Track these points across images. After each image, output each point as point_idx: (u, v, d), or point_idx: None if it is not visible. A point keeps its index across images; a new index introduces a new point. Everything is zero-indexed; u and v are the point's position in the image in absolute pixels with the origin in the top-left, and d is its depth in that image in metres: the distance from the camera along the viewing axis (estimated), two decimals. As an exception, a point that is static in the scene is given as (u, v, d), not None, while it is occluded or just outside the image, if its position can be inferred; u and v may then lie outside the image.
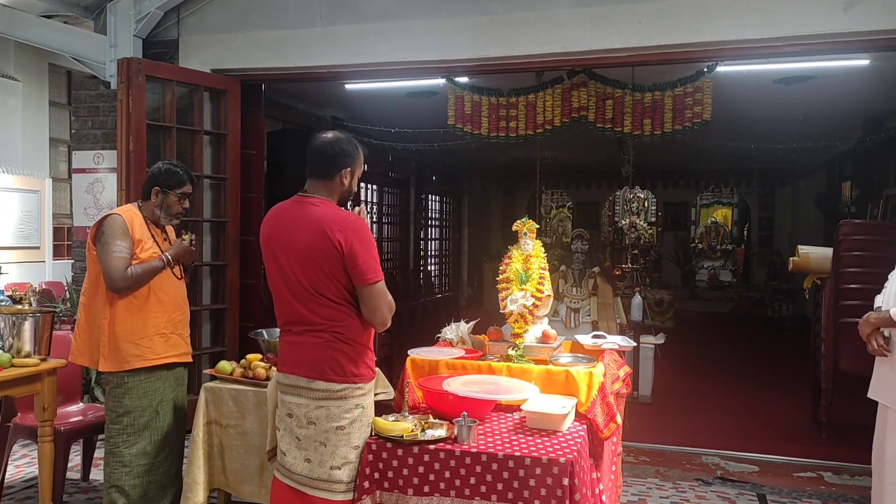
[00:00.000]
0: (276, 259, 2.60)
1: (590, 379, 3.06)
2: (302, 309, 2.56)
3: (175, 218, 3.55)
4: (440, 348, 3.54)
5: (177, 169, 3.53)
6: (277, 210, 2.71)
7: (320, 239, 2.50)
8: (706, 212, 15.46)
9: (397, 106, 7.83)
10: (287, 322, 2.65)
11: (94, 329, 3.38)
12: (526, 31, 4.79)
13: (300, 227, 2.56)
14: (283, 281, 2.59)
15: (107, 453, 3.40)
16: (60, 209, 8.97)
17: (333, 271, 2.51)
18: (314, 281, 2.52)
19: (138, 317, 3.36)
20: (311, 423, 2.57)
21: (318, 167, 2.64)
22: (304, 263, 2.53)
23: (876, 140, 8.41)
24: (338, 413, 2.55)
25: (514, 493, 2.47)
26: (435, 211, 14.34)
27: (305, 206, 2.60)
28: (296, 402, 2.59)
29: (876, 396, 3.22)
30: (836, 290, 5.21)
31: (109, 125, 5.68)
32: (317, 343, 2.55)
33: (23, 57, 8.39)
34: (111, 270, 3.26)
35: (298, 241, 2.54)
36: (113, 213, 3.39)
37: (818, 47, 4.52)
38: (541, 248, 3.51)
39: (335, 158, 2.63)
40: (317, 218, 2.54)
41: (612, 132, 5.13)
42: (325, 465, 2.56)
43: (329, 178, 2.63)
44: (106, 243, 3.29)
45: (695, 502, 4.19)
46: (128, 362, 3.33)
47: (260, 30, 5.33)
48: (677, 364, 7.66)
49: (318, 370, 2.55)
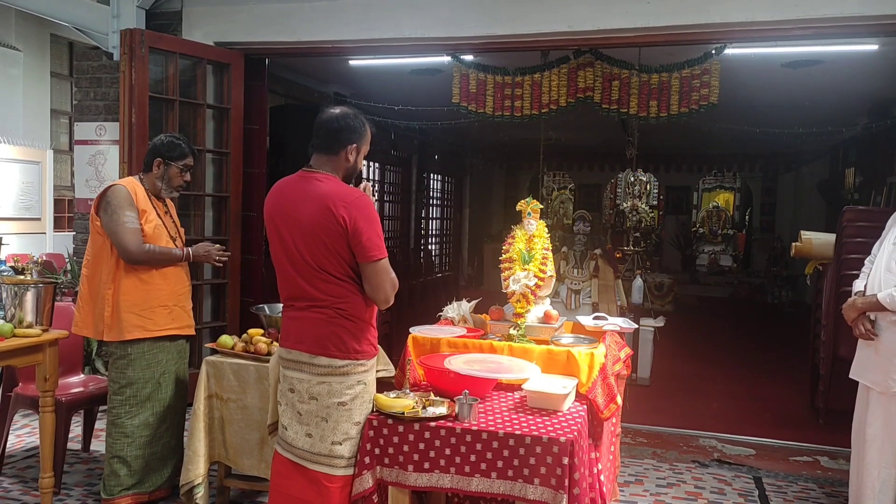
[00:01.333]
0: (280, 234, 2.59)
1: (591, 360, 3.06)
2: (305, 284, 2.56)
3: (176, 190, 3.56)
4: (442, 326, 3.54)
5: (179, 141, 3.53)
6: (281, 185, 2.69)
7: (325, 215, 2.48)
8: (708, 196, 15.41)
9: (401, 83, 7.77)
10: (290, 297, 2.64)
11: (98, 300, 3.40)
12: (533, 9, 4.74)
13: (305, 202, 2.54)
14: (287, 256, 2.58)
15: (109, 424, 3.43)
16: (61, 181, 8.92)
17: (337, 247, 2.50)
18: (317, 257, 2.52)
19: (142, 288, 3.39)
20: (312, 399, 2.58)
21: (323, 142, 2.61)
22: (308, 239, 2.52)
23: (881, 127, 8.37)
24: (339, 389, 2.56)
25: (514, 471, 2.48)
26: (437, 190, 14.30)
27: (310, 182, 2.58)
28: (297, 377, 2.60)
29: (858, 377, 3.33)
30: (837, 277, 5.20)
31: (112, 97, 5.64)
32: (320, 319, 2.55)
33: (24, 27, 8.31)
34: (126, 241, 3.29)
35: (302, 216, 2.53)
36: (116, 184, 3.39)
37: (827, 30, 4.48)
38: (544, 228, 3.50)
39: (341, 133, 2.60)
40: (321, 193, 2.52)
41: (617, 113, 5.10)
42: (327, 440, 2.57)
43: (334, 153, 2.61)
44: (115, 213, 3.30)
45: (691, 484, 4.22)
46: (130, 332, 3.36)
47: (264, 3, 5.27)
48: (677, 347, 7.68)
49: (320, 346, 2.55)
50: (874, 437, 3.18)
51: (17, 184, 7.40)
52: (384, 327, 6.28)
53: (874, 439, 3.18)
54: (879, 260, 3.27)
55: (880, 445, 3.16)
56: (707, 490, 4.13)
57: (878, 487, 3.16)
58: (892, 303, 3.05)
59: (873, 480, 3.17)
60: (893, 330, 3.12)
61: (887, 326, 3.14)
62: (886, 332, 3.15)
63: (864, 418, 3.25)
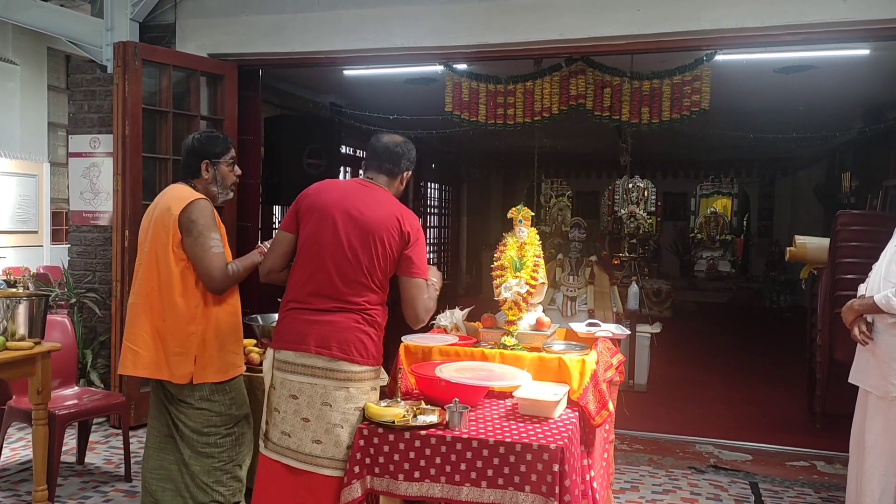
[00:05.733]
0: (336, 228, 2.60)
1: (582, 366, 3.06)
2: (341, 284, 2.59)
3: (230, 190, 3.13)
4: (434, 335, 3.54)
5: (216, 134, 3.12)
6: (338, 184, 2.82)
7: (393, 222, 2.61)
8: (706, 202, 15.41)
9: (396, 92, 7.79)
10: (313, 293, 2.60)
11: (168, 337, 2.92)
12: (524, 17, 4.77)
13: (374, 205, 2.64)
14: (336, 250, 2.59)
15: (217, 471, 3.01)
16: (59, 193, 8.93)
17: (392, 255, 2.61)
18: (370, 258, 2.59)
19: (234, 321, 3.06)
20: (325, 405, 2.57)
21: (385, 164, 2.76)
22: (369, 239, 2.59)
23: (876, 131, 8.39)
24: (357, 395, 2.61)
25: (505, 479, 2.48)
26: (434, 199, 14.31)
27: (375, 191, 2.71)
28: (308, 381, 2.58)
29: (857, 381, 3.29)
30: (832, 281, 5.20)
31: (106, 109, 5.66)
32: (348, 323, 2.59)
33: (21, 40, 8.34)
34: (214, 268, 2.87)
35: (369, 216, 2.61)
36: (199, 199, 2.93)
37: (818, 36, 4.50)
38: (536, 235, 3.51)
39: (402, 159, 2.78)
40: (392, 204, 2.67)
41: (609, 120, 5.11)
42: (342, 444, 2.59)
43: (393, 175, 2.78)
44: (201, 234, 2.87)
45: (687, 490, 4.21)
46: (227, 372, 3.00)
47: (258, 14, 5.30)
48: (674, 353, 7.68)
49: (344, 350, 2.58)
50: (874, 444, 3.13)
51: (15, 197, 7.41)
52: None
53: (874, 446, 3.13)
54: (880, 264, 3.25)
55: (880, 452, 3.11)
56: (703, 496, 4.12)
57: (878, 495, 3.10)
58: (887, 304, 3.03)
59: (873, 488, 3.12)
60: (892, 333, 3.09)
61: (885, 329, 3.11)
62: (884, 336, 3.11)
63: (864, 424, 3.20)
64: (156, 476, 3.06)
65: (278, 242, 2.76)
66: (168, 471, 3.03)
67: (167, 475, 3.04)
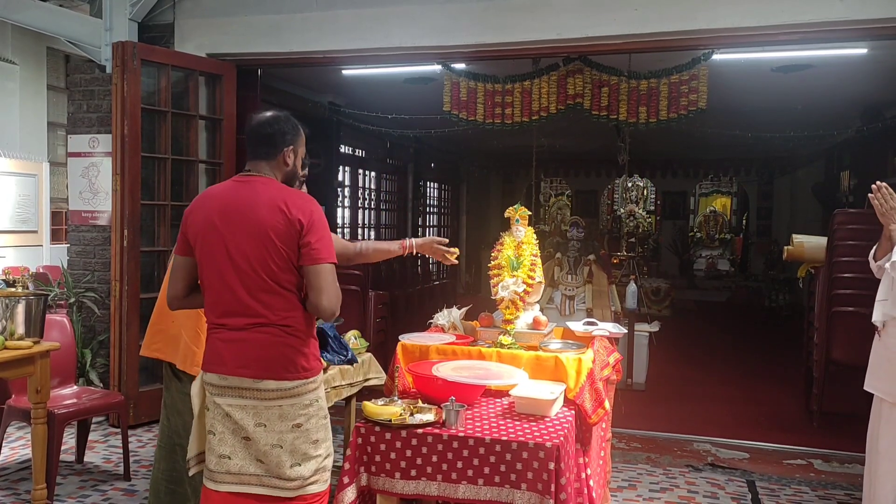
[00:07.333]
0: (225, 242, 2.37)
1: (578, 365, 3.07)
2: (248, 298, 2.36)
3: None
4: (431, 334, 3.55)
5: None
6: (217, 191, 2.50)
7: (277, 216, 2.34)
8: (705, 201, 15.47)
9: (395, 92, 7.81)
10: (225, 313, 2.41)
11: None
12: (522, 17, 4.78)
13: (254, 206, 2.37)
14: (231, 266, 2.37)
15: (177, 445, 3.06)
16: (58, 193, 8.94)
17: (288, 250, 2.34)
18: (266, 263, 2.34)
19: None
20: (259, 426, 2.36)
21: (260, 148, 2.49)
22: (259, 243, 2.34)
23: (874, 130, 8.39)
24: (292, 412, 2.37)
25: (501, 477, 2.49)
26: (433, 198, 14.33)
27: (253, 185, 2.42)
28: (238, 403, 2.37)
29: (871, 388, 3.24)
30: (829, 280, 5.22)
31: (105, 109, 5.67)
32: (264, 340, 2.36)
33: (20, 40, 8.35)
34: None
35: (251, 220, 2.35)
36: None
37: (815, 35, 4.52)
38: (533, 234, 3.52)
39: (275, 137, 2.48)
40: (271, 195, 2.38)
41: (607, 119, 5.13)
42: (284, 464, 2.36)
43: (272, 157, 2.48)
44: None
45: (684, 488, 4.22)
46: None
47: (256, 14, 5.31)
48: (673, 352, 7.69)
49: (267, 369, 2.36)
50: (887, 450, 3.11)
51: (14, 196, 7.42)
52: (379, 335, 6.29)
53: (887, 452, 3.11)
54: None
55: (893, 458, 3.09)
56: (700, 494, 4.13)
57: (892, 501, 3.09)
58: None
59: (886, 494, 3.11)
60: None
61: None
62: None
63: (878, 429, 3.18)
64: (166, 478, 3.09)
65: (176, 268, 2.53)
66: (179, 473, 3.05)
67: (178, 477, 3.06)
